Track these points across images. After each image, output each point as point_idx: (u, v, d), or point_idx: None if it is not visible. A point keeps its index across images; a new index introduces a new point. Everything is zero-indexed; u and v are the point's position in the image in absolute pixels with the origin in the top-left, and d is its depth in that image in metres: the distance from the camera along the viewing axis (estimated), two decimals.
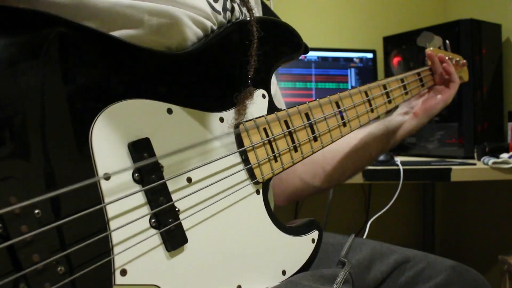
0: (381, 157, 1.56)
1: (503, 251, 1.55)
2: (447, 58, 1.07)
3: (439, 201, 2.29)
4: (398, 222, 2.22)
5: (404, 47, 1.91)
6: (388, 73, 1.97)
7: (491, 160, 1.49)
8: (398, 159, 1.57)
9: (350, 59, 2.04)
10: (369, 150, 1.02)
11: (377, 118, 0.92)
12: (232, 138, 0.63)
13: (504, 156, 1.49)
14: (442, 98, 1.05)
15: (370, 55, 2.07)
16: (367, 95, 0.86)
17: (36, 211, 0.38)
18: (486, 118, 1.79)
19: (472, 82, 1.72)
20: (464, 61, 1.19)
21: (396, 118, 1.05)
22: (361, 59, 2.05)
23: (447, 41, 1.15)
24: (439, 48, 1.13)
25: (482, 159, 1.57)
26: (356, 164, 1.02)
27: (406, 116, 1.05)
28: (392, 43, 1.96)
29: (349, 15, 2.23)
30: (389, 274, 0.84)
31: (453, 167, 1.48)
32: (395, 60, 1.95)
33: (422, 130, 1.82)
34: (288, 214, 2.02)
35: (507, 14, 1.86)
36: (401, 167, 1.48)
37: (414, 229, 2.29)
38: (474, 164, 1.55)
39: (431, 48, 1.09)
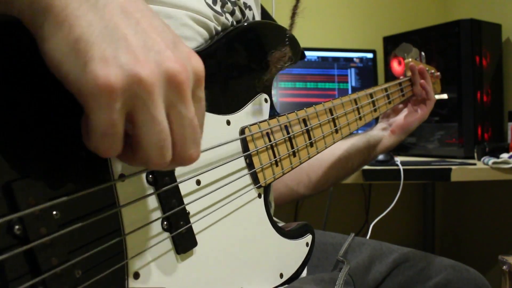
0: (381, 157, 1.56)
1: (503, 251, 1.55)
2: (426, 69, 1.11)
3: (439, 201, 2.30)
4: (398, 222, 2.23)
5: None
6: (388, 73, 1.98)
7: (491, 160, 1.50)
8: (398, 159, 1.57)
9: (350, 59, 2.04)
10: (351, 161, 1.06)
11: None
12: (238, 142, 0.64)
13: (504, 156, 1.49)
14: (418, 116, 1.09)
15: (370, 55, 2.07)
16: (356, 103, 0.89)
17: (54, 213, 0.38)
18: (486, 118, 1.79)
19: (472, 82, 1.73)
20: (438, 73, 1.24)
21: (377, 133, 1.09)
22: (361, 59, 2.05)
23: (423, 53, 1.20)
24: (416, 59, 1.16)
25: (482, 159, 1.57)
26: (338, 174, 1.06)
27: (384, 132, 1.09)
28: (392, 43, 1.97)
29: (349, 15, 2.23)
30: (389, 274, 0.84)
31: (453, 167, 1.49)
32: (395, 60, 1.95)
33: (422, 130, 1.83)
34: (288, 213, 2.03)
35: (507, 14, 1.87)
36: (401, 167, 1.48)
37: (414, 229, 2.30)
38: (474, 164, 1.56)
39: (410, 59, 1.13)
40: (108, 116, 0.35)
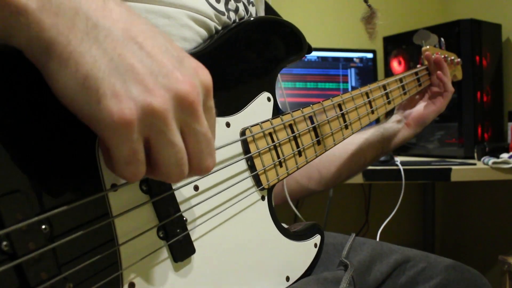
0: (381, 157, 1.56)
1: (503, 251, 1.55)
2: (443, 57, 1.08)
3: (439, 201, 2.30)
4: (398, 222, 2.22)
5: (404, 47, 1.91)
6: (388, 73, 1.97)
7: (491, 160, 1.49)
8: (398, 159, 1.56)
9: (350, 59, 2.04)
10: (364, 156, 1.03)
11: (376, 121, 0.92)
12: (238, 144, 0.62)
13: (504, 156, 1.49)
14: (435, 108, 1.05)
15: (370, 55, 2.07)
16: (368, 96, 0.86)
17: (43, 227, 0.37)
18: (486, 118, 1.79)
19: (472, 82, 1.72)
20: (459, 59, 1.19)
21: (391, 126, 1.06)
22: (361, 59, 2.05)
23: (442, 39, 1.16)
24: (435, 46, 1.13)
25: (482, 159, 1.57)
26: (351, 169, 1.04)
27: (399, 125, 1.06)
28: (392, 43, 1.96)
29: (349, 15, 2.22)
30: (390, 274, 0.83)
31: (453, 167, 1.49)
32: (395, 60, 1.95)
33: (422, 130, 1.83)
34: (288, 213, 2.02)
35: (507, 14, 1.86)
36: (401, 167, 1.48)
37: (414, 229, 2.30)
38: (474, 164, 1.55)
39: (428, 47, 1.10)
40: (128, 147, 0.36)
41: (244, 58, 0.66)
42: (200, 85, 0.40)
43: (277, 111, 0.70)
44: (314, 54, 2.00)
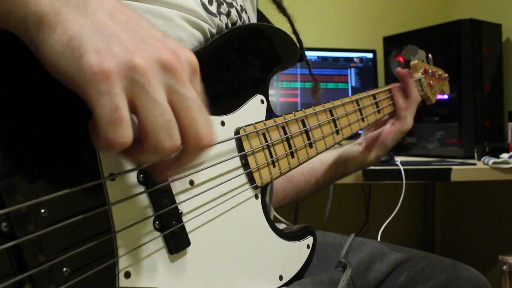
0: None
1: (503, 251, 1.55)
2: (430, 71, 1.09)
3: (439, 201, 2.30)
4: (398, 222, 2.22)
5: (404, 47, 1.91)
6: (388, 73, 1.98)
7: (491, 160, 1.49)
8: (398, 159, 1.56)
9: (350, 59, 2.04)
10: (316, 176, 1.00)
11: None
12: (232, 142, 0.64)
13: (504, 156, 1.49)
14: (393, 129, 0.96)
15: (370, 55, 2.07)
16: (358, 104, 0.89)
17: (42, 211, 0.38)
18: (486, 118, 1.79)
19: (472, 82, 1.73)
20: (446, 74, 1.22)
21: (350, 148, 1.01)
22: (361, 59, 2.05)
23: (430, 55, 1.18)
24: (422, 61, 1.15)
25: (482, 159, 1.57)
26: (299, 188, 1.00)
27: (359, 147, 0.99)
28: (392, 43, 1.97)
29: (349, 15, 2.23)
30: (389, 274, 0.84)
31: (453, 167, 1.49)
32: (395, 60, 1.95)
33: (422, 130, 1.83)
34: (288, 214, 2.02)
35: (507, 14, 1.87)
36: (401, 167, 1.48)
37: (414, 229, 2.30)
38: (474, 164, 1.55)
39: (416, 61, 1.11)
40: (109, 101, 0.36)
41: (237, 62, 0.68)
42: (184, 60, 0.41)
43: (270, 114, 0.72)
44: (314, 54, 2.00)
